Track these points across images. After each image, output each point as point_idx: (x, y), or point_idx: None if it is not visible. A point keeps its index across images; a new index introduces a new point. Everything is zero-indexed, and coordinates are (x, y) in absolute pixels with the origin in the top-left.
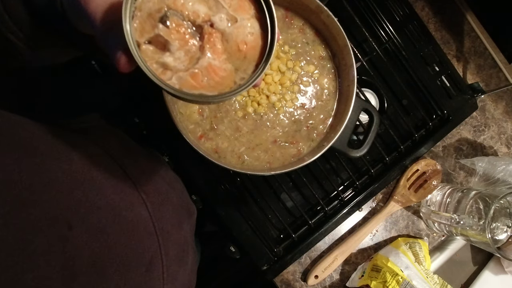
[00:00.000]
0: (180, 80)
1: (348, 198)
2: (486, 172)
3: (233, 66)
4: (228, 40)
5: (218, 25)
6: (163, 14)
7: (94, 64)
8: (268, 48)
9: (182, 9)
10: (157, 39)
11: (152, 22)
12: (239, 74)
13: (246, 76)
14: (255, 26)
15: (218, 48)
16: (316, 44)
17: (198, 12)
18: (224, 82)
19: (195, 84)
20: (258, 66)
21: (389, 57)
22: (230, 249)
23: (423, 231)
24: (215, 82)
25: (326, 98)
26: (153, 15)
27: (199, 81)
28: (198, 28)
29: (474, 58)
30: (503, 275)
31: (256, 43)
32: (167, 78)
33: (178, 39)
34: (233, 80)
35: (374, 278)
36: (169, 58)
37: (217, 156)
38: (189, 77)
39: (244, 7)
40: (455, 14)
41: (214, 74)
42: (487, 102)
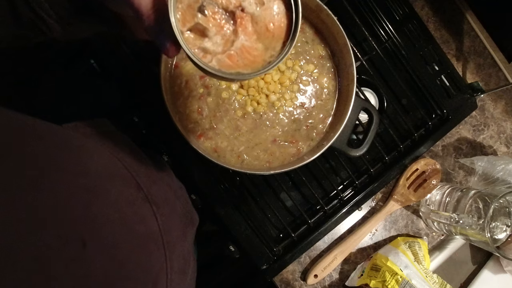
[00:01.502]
0: (219, 62)
1: (347, 198)
2: (485, 172)
3: (263, 45)
4: (258, 22)
5: (248, 9)
6: (201, 4)
7: (93, 63)
8: (293, 26)
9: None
10: (197, 27)
11: (192, 12)
12: (269, 51)
13: (274, 53)
14: (280, 7)
15: (249, 30)
16: (316, 43)
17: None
18: (256, 60)
19: (232, 64)
20: (285, 43)
21: (389, 57)
22: (229, 248)
23: (422, 231)
24: (249, 60)
25: (326, 97)
26: (192, 6)
27: (235, 61)
28: (230, 14)
29: (473, 57)
30: (502, 274)
31: (282, 22)
32: (208, 61)
33: (215, 26)
34: (263, 58)
35: (373, 278)
36: (208, 43)
37: (217, 156)
38: (226, 58)
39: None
40: (455, 13)
41: (247, 53)
42: (486, 101)
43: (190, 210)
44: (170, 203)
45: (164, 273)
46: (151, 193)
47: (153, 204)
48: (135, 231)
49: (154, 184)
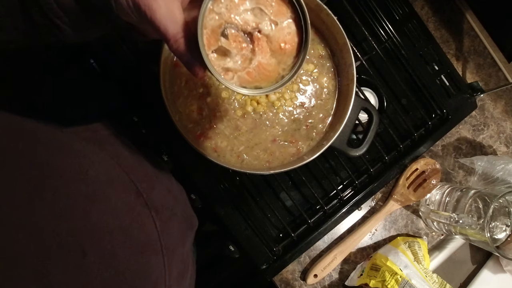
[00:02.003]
0: (239, 79)
1: (347, 197)
2: (485, 171)
3: (276, 60)
4: (272, 41)
5: (264, 31)
6: (223, 29)
7: (93, 62)
8: (304, 43)
9: (237, 22)
10: (220, 48)
11: (215, 37)
12: (281, 65)
13: (286, 67)
14: (292, 27)
15: (265, 49)
16: (316, 43)
17: (248, 22)
18: (271, 74)
19: (251, 79)
20: (295, 58)
21: (389, 56)
22: (229, 248)
23: (422, 230)
24: (265, 75)
25: (326, 97)
26: (215, 31)
27: (253, 76)
28: (248, 35)
29: (473, 57)
30: (501, 274)
31: (293, 40)
32: (229, 78)
33: (236, 48)
34: (278, 72)
35: (373, 277)
36: (230, 63)
37: (216, 155)
38: (245, 75)
39: (282, 11)
40: (455, 13)
41: (263, 69)
42: (486, 101)
43: (190, 214)
44: (170, 207)
45: (163, 280)
46: (150, 198)
47: (152, 210)
48: (134, 238)
49: (153, 189)
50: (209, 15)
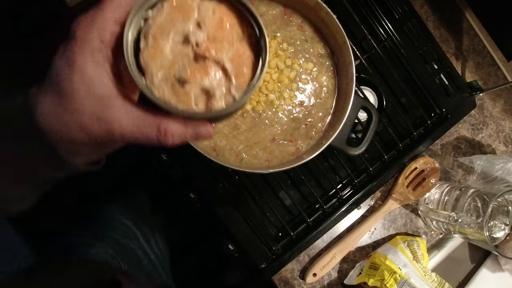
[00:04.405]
0: (237, 87)
1: (346, 196)
2: (484, 170)
3: (237, 42)
4: (214, 36)
5: (199, 38)
6: (177, 82)
7: None
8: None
9: (177, 64)
10: (198, 93)
11: (184, 94)
12: (245, 42)
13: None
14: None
15: (217, 46)
16: (315, 42)
17: (182, 51)
18: (250, 55)
19: (245, 77)
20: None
21: (388, 55)
22: (228, 247)
23: (421, 229)
24: (248, 61)
25: (325, 96)
26: (177, 89)
27: (243, 73)
28: (198, 57)
29: (472, 56)
30: (500, 272)
31: (232, 22)
32: (231, 97)
33: (204, 77)
34: (250, 49)
35: (372, 276)
36: (218, 91)
37: (215, 154)
38: (237, 80)
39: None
40: (454, 12)
41: (240, 59)
42: (485, 100)
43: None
44: None
45: None
46: None
47: None
48: None
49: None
50: (157, 89)
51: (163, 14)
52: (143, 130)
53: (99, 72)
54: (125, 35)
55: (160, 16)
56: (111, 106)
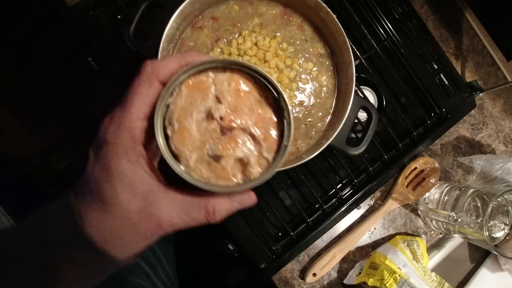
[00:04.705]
0: (268, 149)
1: (346, 196)
2: (484, 170)
3: (256, 105)
4: (234, 105)
5: (221, 112)
6: (212, 159)
7: (91, 61)
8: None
9: (207, 142)
10: (233, 165)
11: (221, 169)
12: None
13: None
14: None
15: (239, 115)
16: (315, 41)
17: (208, 128)
18: (271, 114)
19: (273, 137)
20: None
21: (388, 55)
22: (228, 247)
23: (421, 229)
24: (272, 121)
25: (325, 96)
26: (214, 167)
27: (270, 135)
28: (224, 130)
29: (472, 56)
30: (500, 272)
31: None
32: (265, 160)
33: (235, 148)
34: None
35: (371, 276)
36: (252, 159)
37: None
38: (266, 142)
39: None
40: (454, 11)
41: (264, 121)
42: (485, 100)
43: None
44: None
45: None
46: None
47: None
48: None
49: None
50: (194, 171)
51: (183, 97)
52: (191, 214)
53: (136, 170)
54: (156, 130)
55: (180, 99)
56: (156, 200)
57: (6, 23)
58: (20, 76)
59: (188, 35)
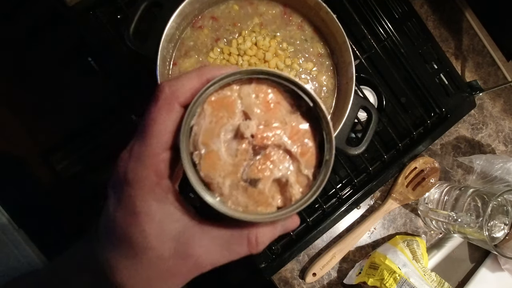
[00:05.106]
0: (307, 164)
1: (346, 196)
2: (483, 170)
3: (288, 117)
4: (265, 119)
5: (252, 130)
6: (248, 184)
7: (91, 60)
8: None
9: (240, 165)
10: (272, 187)
11: (259, 194)
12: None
13: None
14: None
15: (272, 129)
16: (315, 41)
17: (239, 149)
18: (305, 125)
19: (310, 150)
20: None
21: (388, 55)
22: None
23: (420, 229)
24: (307, 133)
25: (325, 96)
26: (251, 192)
27: (307, 148)
28: (257, 149)
29: (472, 56)
30: (499, 272)
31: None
32: (304, 177)
33: (271, 168)
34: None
35: (371, 276)
36: (292, 178)
37: None
38: (303, 157)
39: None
40: (454, 11)
41: (298, 134)
42: (485, 100)
43: None
44: None
45: None
46: None
47: None
48: None
49: None
50: (229, 199)
51: (206, 117)
52: (233, 249)
53: (165, 208)
54: (183, 160)
55: (204, 120)
56: (191, 239)
57: (6, 22)
58: (20, 76)
59: (188, 35)
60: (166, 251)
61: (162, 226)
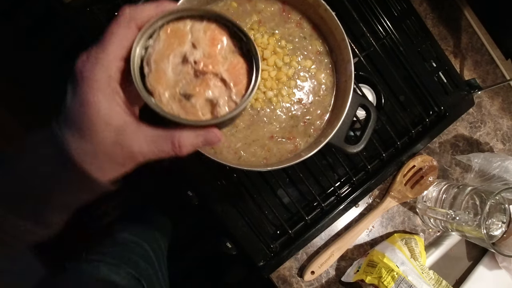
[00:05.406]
0: (237, 93)
1: (344, 194)
2: (482, 168)
3: (230, 54)
4: (209, 52)
5: (196, 57)
6: (183, 98)
7: None
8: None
9: (181, 82)
10: (202, 105)
11: (191, 106)
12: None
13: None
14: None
15: (213, 61)
16: (314, 39)
17: (183, 71)
18: (244, 64)
19: (243, 83)
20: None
21: (387, 53)
22: (226, 245)
23: (419, 227)
24: (243, 70)
25: (323, 94)
26: (184, 104)
27: (240, 81)
28: (198, 73)
29: (471, 54)
30: (497, 270)
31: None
32: (233, 103)
33: (206, 89)
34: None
35: (369, 274)
36: (221, 100)
37: (213, 152)
38: (236, 87)
39: (216, 37)
40: (453, 9)
41: (236, 69)
42: (483, 98)
43: None
44: None
45: None
46: None
47: None
48: None
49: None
50: (166, 106)
51: (161, 42)
52: (159, 146)
53: (111, 105)
54: (132, 66)
55: (159, 44)
56: (129, 133)
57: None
58: (20, 76)
59: None
60: (108, 139)
61: (106, 118)
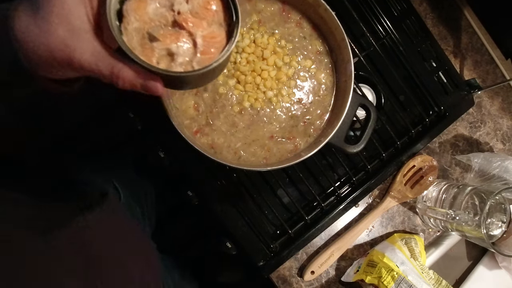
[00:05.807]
0: (200, 62)
1: (344, 194)
2: (481, 168)
3: (215, 25)
4: (197, 12)
5: (182, 9)
6: (148, 37)
7: None
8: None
9: (155, 23)
10: (161, 55)
11: (148, 48)
12: (223, 27)
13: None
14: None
15: (197, 22)
16: (313, 39)
17: (163, 14)
18: (222, 40)
19: (210, 56)
20: (227, 15)
21: (387, 53)
22: (226, 245)
23: (418, 227)
24: (220, 44)
25: (323, 93)
26: (143, 43)
27: (209, 52)
28: (175, 24)
29: (471, 54)
30: (497, 270)
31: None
32: (192, 68)
33: (173, 42)
34: (225, 34)
35: (369, 273)
36: (181, 58)
37: (213, 152)
38: (202, 55)
39: None
40: (453, 9)
41: (213, 39)
42: (483, 98)
43: None
44: None
45: None
46: None
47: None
48: None
49: None
50: (127, 35)
51: None
52: (99, 65)
53: (79, 6)
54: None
55: None
56: (80, 37)
57: None
58: None
59: None
60: (58, 31)
61: (68, 13)
